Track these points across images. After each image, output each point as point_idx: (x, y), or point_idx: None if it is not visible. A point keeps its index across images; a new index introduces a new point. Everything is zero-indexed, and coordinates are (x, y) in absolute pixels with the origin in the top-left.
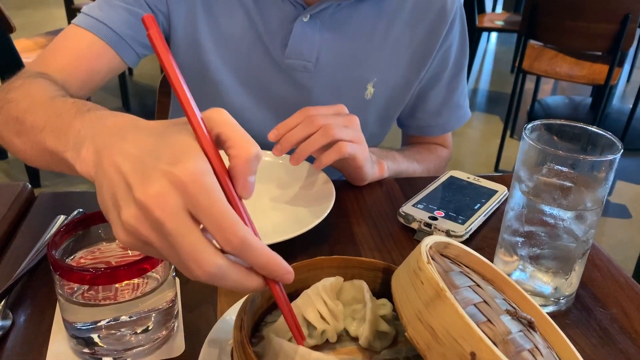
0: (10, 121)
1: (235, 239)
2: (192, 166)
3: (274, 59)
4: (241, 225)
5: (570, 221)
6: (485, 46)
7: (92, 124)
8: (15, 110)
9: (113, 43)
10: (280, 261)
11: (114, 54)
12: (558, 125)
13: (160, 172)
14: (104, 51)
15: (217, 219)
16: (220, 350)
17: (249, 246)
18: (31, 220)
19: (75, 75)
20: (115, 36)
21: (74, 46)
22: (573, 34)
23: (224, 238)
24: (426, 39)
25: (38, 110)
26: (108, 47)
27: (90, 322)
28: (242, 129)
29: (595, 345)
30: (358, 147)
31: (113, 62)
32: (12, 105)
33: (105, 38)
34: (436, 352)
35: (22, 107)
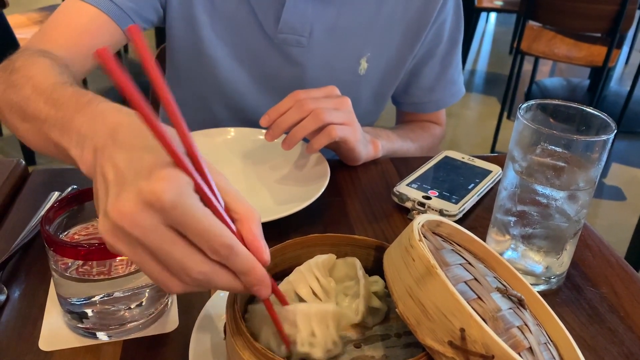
0: (13, 106)
1: (222, 248)
2: (170, 186)
3: (267, 34)
4: (227, 233)
5: (562, 201)
6: (484, 27)
7: (92, 120)
8: (18, 96)
9: (115, 16)
10: (262, 272)
11: (115, 28)
12: (553, 106)
13: (135, 188)
14: (106, 24)
15: (202, 233)
16: (214, 325)
17: (236, 253)
18: (25, 196)
19: (78, 51)
20: (117, 9)
21: (75, 20)
22: (572, 15)
23: (212, 248)
24: (420, 14)
25: (39, 99)
26: (110, 20)
27: (84, 298)
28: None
29: (584, 323)
30: (349, 129)
31: (115, 35)
32: (14, 90)
33: (108, 11)
34: (426, 328)
35: (24, 94)
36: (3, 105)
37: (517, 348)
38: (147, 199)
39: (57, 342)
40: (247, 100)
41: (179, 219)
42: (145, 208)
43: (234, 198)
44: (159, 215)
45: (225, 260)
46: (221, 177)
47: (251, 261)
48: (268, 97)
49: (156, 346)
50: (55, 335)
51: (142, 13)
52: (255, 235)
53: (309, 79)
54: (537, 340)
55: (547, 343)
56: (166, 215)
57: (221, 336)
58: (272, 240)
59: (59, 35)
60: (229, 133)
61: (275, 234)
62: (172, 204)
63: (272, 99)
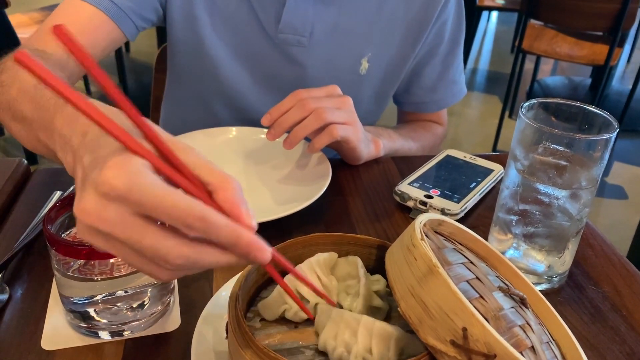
0: (4, 106)
1: (195, 221)
2: (121, 171)
3: (267, 34)
4: (197, 205)
5: (564, 200)
6: (485, 25)
7: (70, 122)
8: (7, 96)
9: (114, 15)
10: (249, 236)
11: (114, 27)
12: (555, 104)
13: (92, 184)
14: (104, 24)
15: (170, 210)
16: (216, 325)
17: (213, 223)
18: (28, 196)
19: None
20: (115, 8)
21: (73, 19)
22: (574, 14)
23: (185, 224)
24: (421, 13)
25: (25, 100)
26: (108, 19)
27: (86, 297)
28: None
29: (586, 322)
30: (350, 128)
31: (113, 35)
32: (4, 89)
33: (106, 10)
34: (428, 327)
35: (12, 95)
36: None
37: (519, 347)
38: (103, 191)
39: (60, 342)
40: (248, 99)
41: (141, 202)
42: (104, 201)
43: (206, 170)
44: (122, 205)
45: (205, 234)
46: (191, 151)
47: (233, 229)
48: (269, 96)
49: (158, 345)
50: (57, 335)
51: (141, 12)
52: (233, 202)
53: (309, 78)
54: (539, 340)
55: (549, 342)
56: (128, 203)
57: (223, 335)
58: (274, 239)
59: None
60: (231, 132)
61: (277, 233)
62: (127, 187)
63: (273, 99)
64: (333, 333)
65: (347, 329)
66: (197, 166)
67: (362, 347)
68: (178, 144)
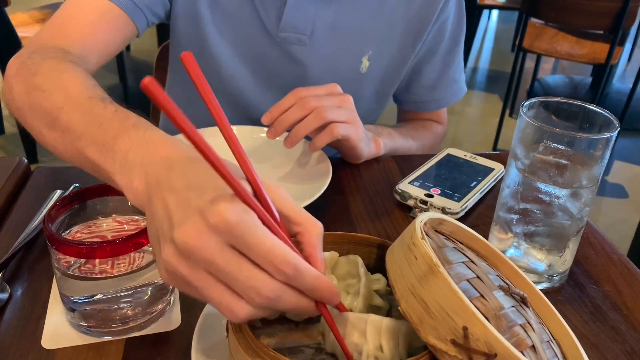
0: (39, 112)
1: (288, 268)
2: (233, 207)
3: (269, 32)
4: (290, 254)
5: (565, 199)
6: (485, 24)
7: (140, 148)
8: (47, 102)
9: (129, 10)
10: (329, 284)
11: (128, 21)
12: (555, 103)
13: (200, 212)
14: (119, 18)
15: (267, 254)
16: (216, 324)
17: (301, 273)
18: (28, 194)
19: (92, 45)
20: (130, 2)
21: (88, 14)
22: (574, 12)
23: (277, 270)
24: (421, 12)
25: (74, 111)
26: (123, 13)
27: (86, 296)
28: (301, 208)
29: (587, 321)
30: (351, 127)
31: (127, 29)
32: (42, 94)
33: (120, 4)
34: (429, 326)
35: (55, 102)
36: (26, 108)
37: (519, 346)
38: (213, 221)
39: (60, 340)
40: (249, 97)
41: (242, 239)
42: (211, 230)
43: (295, 211)
44: (224, 237)
45: (292, 280)
46: (280, 191)
47: (317, 277)
48: (270, 94)
49: (158, 344)
50: (58, 334)
51: (152, 8)
52: (315, 248)
53: (310, 77)
54: (539, 339)
55: (550, 341)
56: (230, 237)
57: (223, 334)
58: None
59: (72, 29)
60: None
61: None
62: (235, 222)
63: (274, 97)
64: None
65: (355, 331)
66: (287, 207)
67: (373, 346)
68: (266, 183)
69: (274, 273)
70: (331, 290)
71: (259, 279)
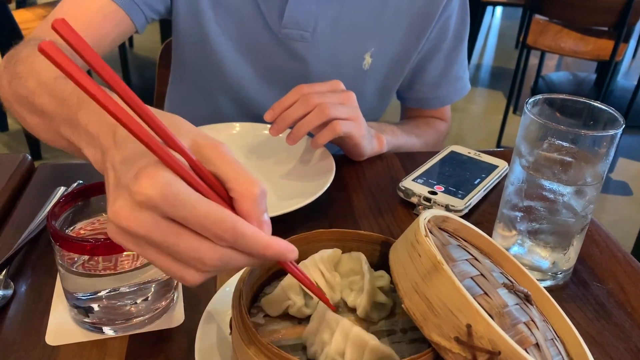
0: (21, 99)
1: (227, 234)
2: (154, 181)
3: (271, 29)
4: (228, 218)
5: (569, 196)
6: (489, 21)
7: (94, 117)
8: (24, 89)
9: (124, 5)
10: (278, 243)
11: (124, 17)
12: (560, 100)
13: (127, 190)
14: (114, 14)
15: (202, 221)
16: (219, 320)
17: (243, 236)
18: (31, 191)
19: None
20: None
21: (83, 9)
22: (579, 8)
23: (216, 236)
24: (425, 9)
25: (44, 93)
26: (119, 9)
27: (90, 292)
28: (242, 168)
29: (591, 319)
30: (353, 124)
31: (123, 25)
32: (20, 81)
33: (116, 0)
34: (432, 324)
35: (29, 87)
36: (10, 97)
37: (523, 344)
38: (138, 199)
39: (64, 337)
40: (252, 94)
41: (173, 211)
42: (139, 208)
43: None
44: (157, 211)
45: (235, 245)
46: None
47: (262, 240)
48: (272, 91)
49: (162, 341)
50: (61, 330)
51: (150, 3)
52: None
53: (313, 73)
54: (543, 336)
55: (554, 339)
56: (162, 210)
57: (227, 331)
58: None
59: None
60: (234, 128)
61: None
62: (161, 196)
63: (276, 94)
64: (315, 329)
65: (327, 329)
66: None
67: (335, 350)
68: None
69: (214, 240)
70: (281, 248)
71: (200, 249)
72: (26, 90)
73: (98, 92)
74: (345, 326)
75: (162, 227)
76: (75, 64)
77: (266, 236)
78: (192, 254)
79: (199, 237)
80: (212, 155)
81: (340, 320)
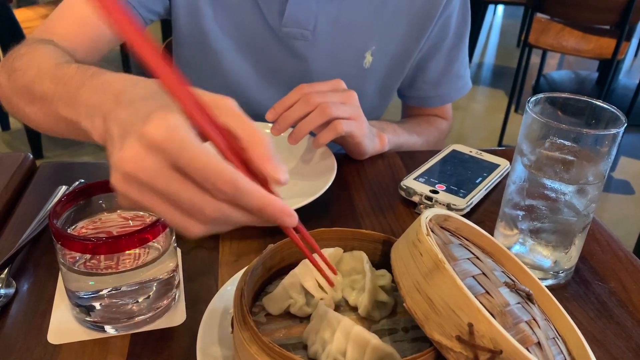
0: (20, 91)
1: (227, 187)
2: (163, 125)
3: (271, 28)
4: (228, 170)
5: (571, 195)
6: (491, 19)
7: (97, 91)
8: (23, 79)
9: None
10: (277, 204)
11: None
12: (562, 99)
13: (135, 135)
14: None
15: (203, 172)
16: (221, 319)
17: (242, 192)
18: (33, 190)
19: (80, 42)
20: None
21: (77, 12)
22: (581, 7)
23: (216, 188)
24: (426, 7)
25: (44, 78)
26: None
27: (92, 291)
28: (248, 120)
29: (592, 318)
30: (355, 123)
31: None
32: (19, 74)
33: None
34: (434, 323)
35: (29, 77)
36: (9, 93)
37: (525, 343)
38: (146, 141)
39: (66, 336)
40: (253, 93)
41: (176, 156)
42: (146, 150)
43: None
44: (162, 157)
45: (235, 200)
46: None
47: (262, 197)
48: (273, 90)
49: (164, 340)
50: (63, 329)
51: (147, 4)
52: (263, 157)
53: (313, 72)
54: (545, 335)
55: (556, 338)
56: (167, 155)
57: (228, 330)
58: (278, 234)
59: (60, 27)
60: None
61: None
62: (166, 139)
63: (277, 93)
64: (316, 328)
65: (328, 328)
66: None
67: (336, 348)
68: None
69: (214, 192)
70: (282, 210)
71: (201, 200)
72: (25, 80)
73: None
74: (347, 325)
75: (166, 174)
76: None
77: (268, 195)
78: (194, 204)
79: (201, 189)
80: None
81: (342, 319)
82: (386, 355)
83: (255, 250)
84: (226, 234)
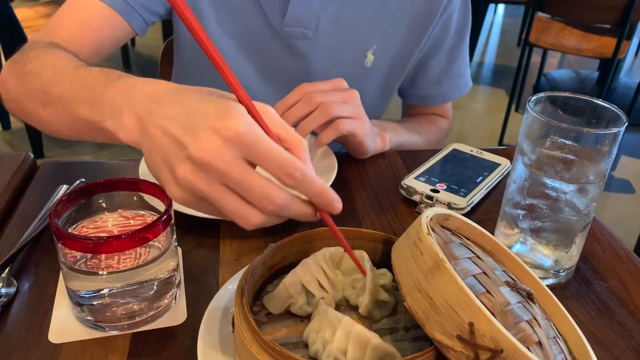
0: (33, 93)
1: (296, 171)
2: (242, 121)
3: (272, 27)
4: (297, 160)
5: (572, 194)
6: (491, 18)
7: (126, 92)
8: (38, 81)
9: (121, 10)
10: (331, 191)
11: (121, 21)
12: (562, 98)
13: (212, 129)
14: (112, 18)
15: (276, 159)
16: (222, 318)
17: (308, 177)
18: (34, 189)
19: (83, 45)
20: (122, 3)
21: (80, 15)
22: (581, 6)
23: (286, 173)
24: (427, 6)
25: (63, 80)
26: (116, 14)
27: (93, 290)
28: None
29: (593, 317)
30: (357, 123)
31: (120, 29)
32: (33, 76)
33: (113, 5)
34: (435, 322)
35: (45, 78)
36: (21, 96)
37: (526, 342)
38: (226, 135)
39: (67, 335)
40: (254, 93)
41: (254, 148)
42: (225, 143)
43: (283, 128)
44: (238, 149)
45: (300, 184)
46: (268, 109)
47: (321, 183)
48: (274, 90)
49: (164, 339)
50: (64, 328)
51: (149, 6)
52: (304, 160)
53: (315, 71)
54: (546, 335)
55: (556, 337)
56: (243, 148)
57: (229, 329)
58: (279, 234)
59: (63, 29)
60: None
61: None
62: (247, 133)
63: (278, 92)
64: (317, 327)
65: (329, 327)
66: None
67: (337, 347)
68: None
69: (284, 177)
70: (334, 196)
71: (271, 187)
72: (41, 82)
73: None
74: (347, 324)
75: (241, 164)
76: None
77: (324, 183)
78: (263, 191)
79: (269, 180)
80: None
81: (342, 318)
82: (387, 355)
83: (256, 249)
84: (227, 234)
